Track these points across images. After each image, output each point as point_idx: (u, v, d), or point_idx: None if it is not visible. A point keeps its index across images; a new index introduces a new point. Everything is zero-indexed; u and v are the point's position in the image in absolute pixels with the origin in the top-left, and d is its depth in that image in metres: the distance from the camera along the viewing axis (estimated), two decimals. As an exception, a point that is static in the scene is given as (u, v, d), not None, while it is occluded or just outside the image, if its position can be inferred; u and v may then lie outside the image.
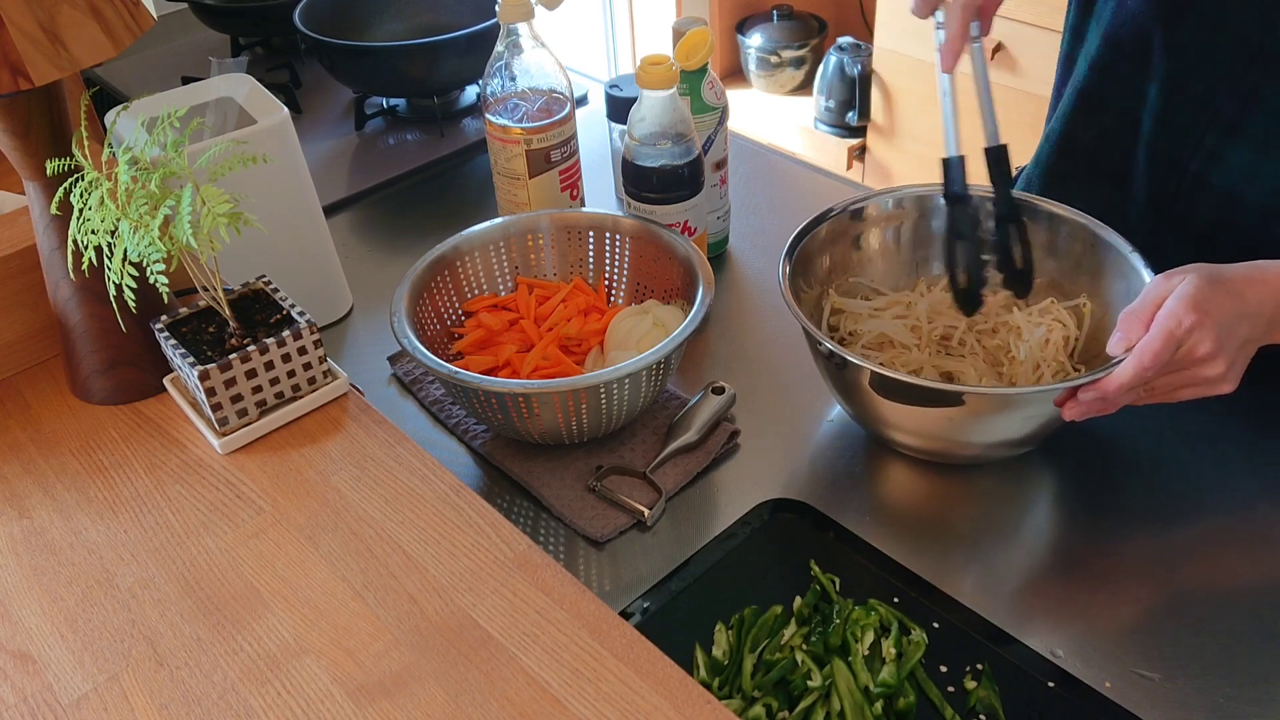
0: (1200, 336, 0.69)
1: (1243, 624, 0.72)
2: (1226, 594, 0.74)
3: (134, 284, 0.71)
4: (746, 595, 0.77)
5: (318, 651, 0.64)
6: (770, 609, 0.75)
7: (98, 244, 0.72)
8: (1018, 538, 0.80)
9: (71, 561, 0.71)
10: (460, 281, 0.95)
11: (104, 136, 0.81)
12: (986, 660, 0.72)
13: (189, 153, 0.77)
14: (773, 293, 1.05)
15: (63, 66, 0.67)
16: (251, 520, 0.73)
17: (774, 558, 0.81)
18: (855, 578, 0.78)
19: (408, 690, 0.62)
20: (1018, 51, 2.18)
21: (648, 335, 0.89)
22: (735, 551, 0.81)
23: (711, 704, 0.59)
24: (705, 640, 0.74)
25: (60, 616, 0.68)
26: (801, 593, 0.77)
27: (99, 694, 0.63)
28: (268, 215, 0.86)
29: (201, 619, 0.67)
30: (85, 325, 0.81)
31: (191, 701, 0.62)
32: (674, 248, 0.92)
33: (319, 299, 1.03)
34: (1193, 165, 0.87)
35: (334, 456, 0.78)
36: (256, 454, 0.79)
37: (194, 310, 0.81)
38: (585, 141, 1.17)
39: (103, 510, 0.75)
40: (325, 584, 0.68)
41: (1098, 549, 0.78)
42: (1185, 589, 0.75)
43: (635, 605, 0.77)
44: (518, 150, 1.03)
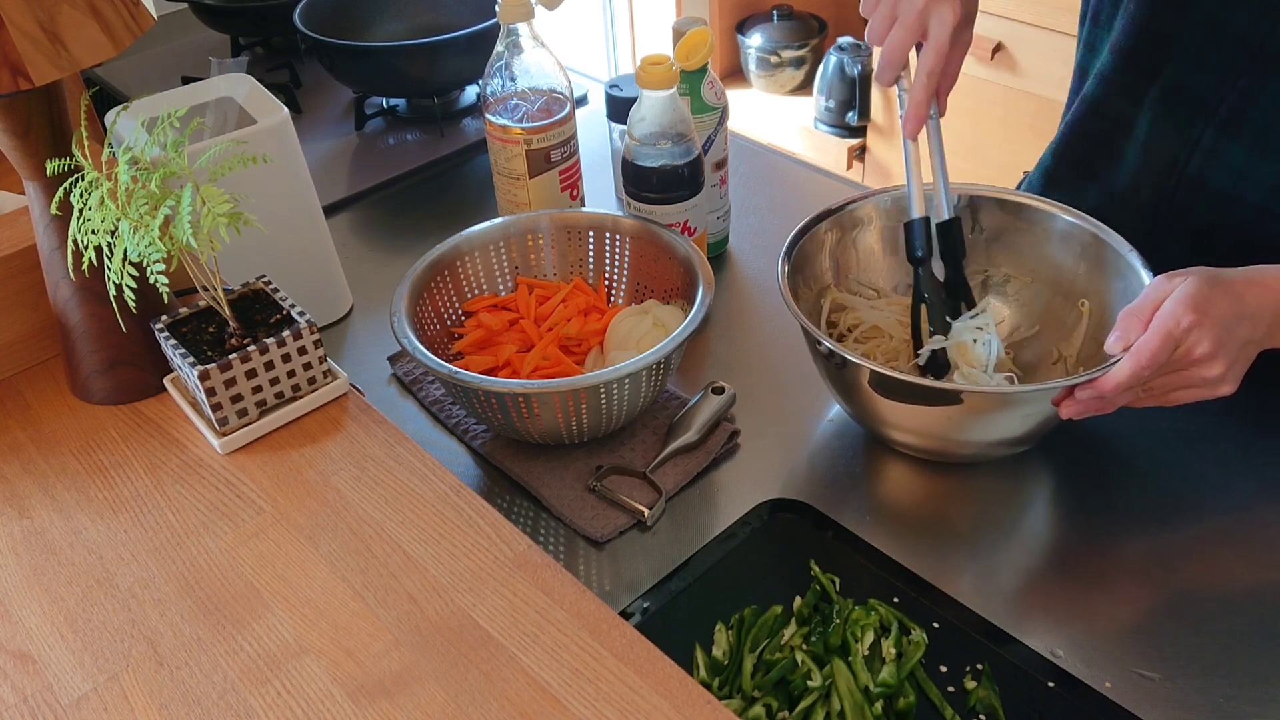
0: (1199, 337, 0.69)
1: (1243, 624, 0.72)
2: (1226, 594, 0.74)
3: (134, 284, 0.71)
4: (746, 595, 0.77)
5: (318, 651, 0.64)
6: (770, 609, 0.75)
7: (98, 244, 0.72)
8: (1017, 537, 0.80)
9: (71, 561, 0.71)
10: (460, 281, 0.95)
11: (104, 136, 0.81)
12: (986, 660, 0.72)
13: (189, 153, 0.77)
14: (772, 293, 1.05)
15: (63, 66, 0.67)
16: (251, 520, 0.73)
17: (774, 558, 0.81)
18: (855, 577, 0.78)
19: (407, 690, 0.62)
20: (1018, 52, 2.18)
21: (648, 335, 0.89)
22: (735, 551, 0.81)
23: (711, 704, 0.59)
24: (705, 640, 0.74)
25: (60, 616, 0.68)
26: (801, 593, 0.77)
27: (99, 694, 0.63)
28: (268, 215, 0.86)
29: (201, 619, 0.67)
30: (85, 325, 0.81)
31: (191, 701, 0.62)
32: (674, 248, 0.92)
33: (319, 299, 1.03)
34: (1190, 165, 0.87)
35: (334, 456, 0.78)
36: (256, 454, 0.79)
37: (194, 310, 0.81)
38: (585, 141, 1.18)
39: (103, 510, 0.75)
40: (325, 584, 0.68)
41: (1097, 549, 0.78)
42: (1185, 589, 0.75)
43: (635, 605, 0.77)
44: (518, 150, 1.03)
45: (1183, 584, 0.75)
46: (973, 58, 2.23)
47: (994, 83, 2.24)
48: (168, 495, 0.76)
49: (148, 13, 0.73)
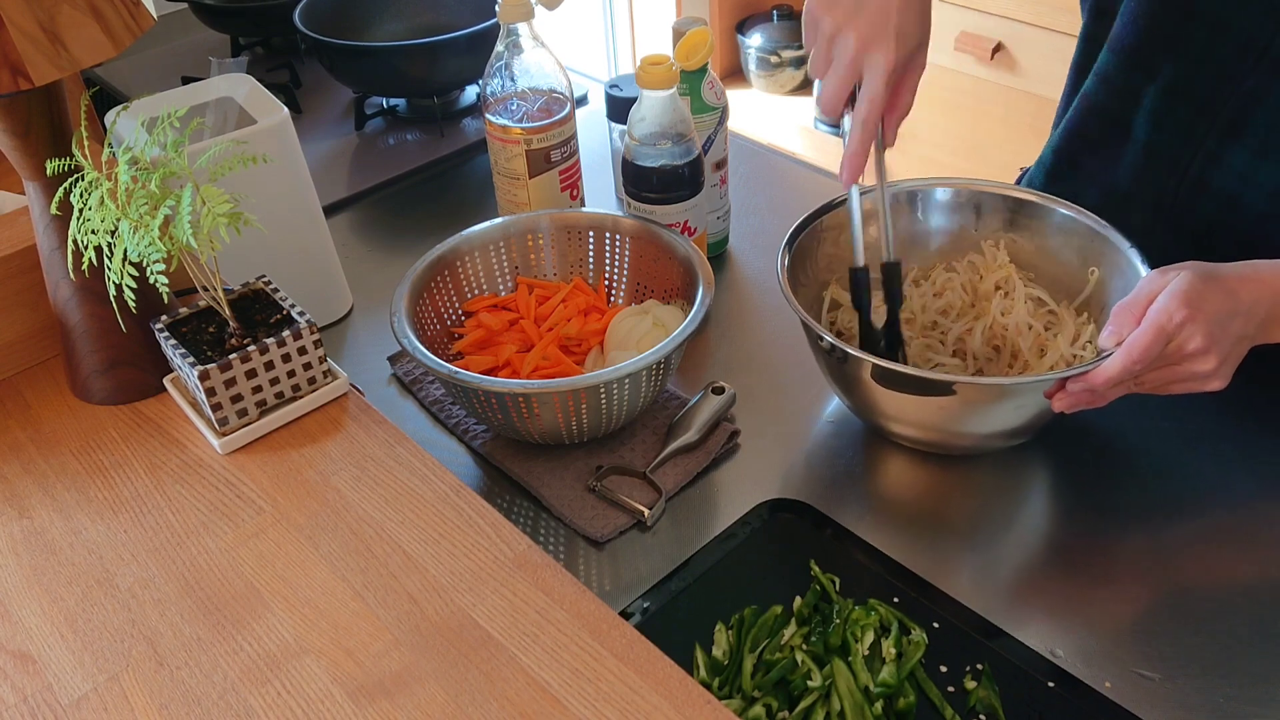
0: (1191, 332, 0.69)
1: (1243, 624, 0.72)
2: (1226, 594, 0.74)
3: (134, 284, 0.71)
4: (746, 595, 0.77)
5: (318, 651, 0.64)
6: (770, 609, 0.75)
7: (98, 244, 0.72)
8: (1016, 533, 0.80)
9: (71, 561, 0.71)
10: (460, 281, 0.95)
11: (104, 136, 0.81)
12: (986, 660, 0.72)
13: (189, 153, 0.77)
14: (772, 293, 1.05)
15: (63, 66, 0.67)
16: (252, 520, 0.73)
17: (774, 557, 0.81)
18: (855, 577, 0.78)
19: (408, 690, 0.62)
20: (1018, 52, 2.18)
21: (648, 335, 0.89)
22: (735, 551, 0.81)
23: (711, 704, 0.59)
24: (705, 640, 0.74)
25: (60, 616, 0.68)
26: (801, 593, 0.77)
27: (98, 694, 0.63)
28: (268, 215, 0.86)
29: (201, 619, 0.67)
30: (85, 325, 0.81)
31: (191, 701, 0.62)
32: (674, 248, 0.92)
33: (319, 299, 1.03)
34: (1192, 167, 0.87)
35: (334, 456, 0.78)
36: (257, 454, 0.79)
37: (194, 310, 0.81)
38: (585, 141, 1.17)
39: (103, 510, 0.75)
40: (325, 584, 0.68)
41: (1095, 547, 0.78)
42: (1185, 589, 0.75)
43: (635, 605, 0.77)
44: (518, 150, 1.03)
45: (1183, 583, 0.75)
46: (972, 58, 2.23)
47: (994, 82, 2.24)
48: (168, 495, 0.76)
49: (148, 13, 0.73)
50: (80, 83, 1.01)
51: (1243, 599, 0.74)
